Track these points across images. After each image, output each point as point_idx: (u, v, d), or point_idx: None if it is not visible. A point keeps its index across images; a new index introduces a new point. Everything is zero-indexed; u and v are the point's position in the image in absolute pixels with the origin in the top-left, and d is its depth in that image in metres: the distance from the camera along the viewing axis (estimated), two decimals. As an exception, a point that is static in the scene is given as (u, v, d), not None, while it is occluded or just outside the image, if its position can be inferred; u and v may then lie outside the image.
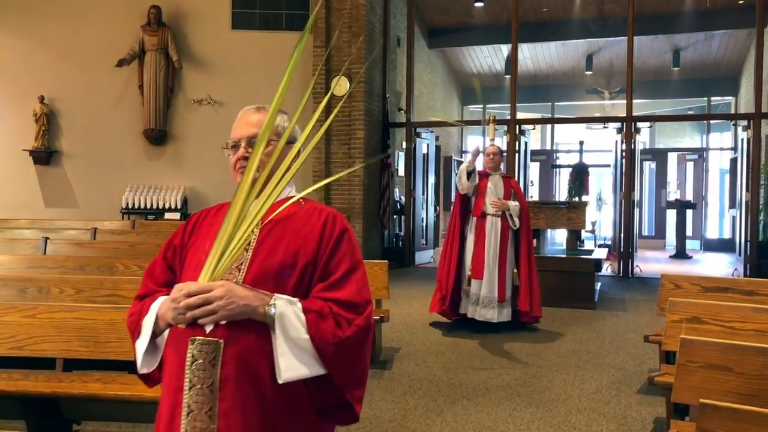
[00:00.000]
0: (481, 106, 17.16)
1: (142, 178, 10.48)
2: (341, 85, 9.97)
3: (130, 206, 10.17)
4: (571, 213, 8.38)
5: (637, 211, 10.97)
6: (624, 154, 10.34)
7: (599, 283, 8.51)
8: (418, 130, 11.28)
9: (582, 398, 4.59)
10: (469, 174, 6.24)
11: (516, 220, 6.21)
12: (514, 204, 6.23)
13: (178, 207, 10.19)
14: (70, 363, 4.04)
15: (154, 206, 10.18)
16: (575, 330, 6.48)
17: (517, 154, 10.61)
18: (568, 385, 4.86)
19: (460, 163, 16.61)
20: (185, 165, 10.57)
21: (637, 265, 10.53)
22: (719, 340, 3.27)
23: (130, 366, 4.23)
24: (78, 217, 9.39)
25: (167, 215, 10.10)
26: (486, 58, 15.75)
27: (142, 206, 10.17)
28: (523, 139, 10.93)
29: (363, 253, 8.57)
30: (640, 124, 10.77)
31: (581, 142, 14.50)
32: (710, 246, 15.21)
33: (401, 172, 11.31)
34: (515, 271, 6.23)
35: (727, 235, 15.53)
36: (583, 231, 9.35)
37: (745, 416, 2.34)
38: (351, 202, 10.02)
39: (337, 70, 10.02)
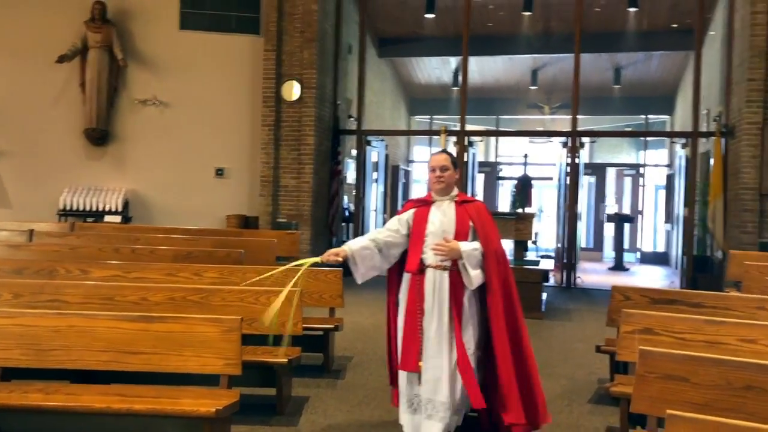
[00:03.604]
0: (429, 117, 17.32)
1: (82, 179, 10.09)
2: (292, 91, 9.87)
3: (68, 208, 9.78)
4: (519, 224, 8.52)
5: (579, 224, 11.25)
6: (569, 168, 10.58)
7: (545, 294, 8.66)
8: (369, 138, 11.27)
9: (535, 408, 4.62)
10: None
11: (473, 273, 3.62)
12: (470, 248, 3.64)
13: (119, 210, 9.86)
14: (9, 372, 3.83)
15: (94, 208, 9.82)
16: (524, 340, 6.55)
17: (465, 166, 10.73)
18: (521, 394, 4.89)
19: (407, 173, 16.78)
20: (128, 167, 10.25)
21: (579, 276, 10.78)
22: (677, 351, 3.34)
23: (74, 375, 4.05)
24: (10, 219, 8.96)
25: (107, 218, 9.75)
26: (434, 69, 15.91)
27: (81, 208, 9.79)
28: (471, 150, 11.06)
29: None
30: (583, 139, 11.05)
31: (525, 155, 14.79)
32: (646, 259, 15.73)
33: (350, 179, 11.26)
34: (473, 355, 3.70)
35: (661, 248, 16.10)
36: (529, 242, 9.50)
37: (710, 426, 2.39)
38: (300, 208, 9.91)
39: (287, 75, 9.91)
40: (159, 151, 10.20)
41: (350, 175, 11.31)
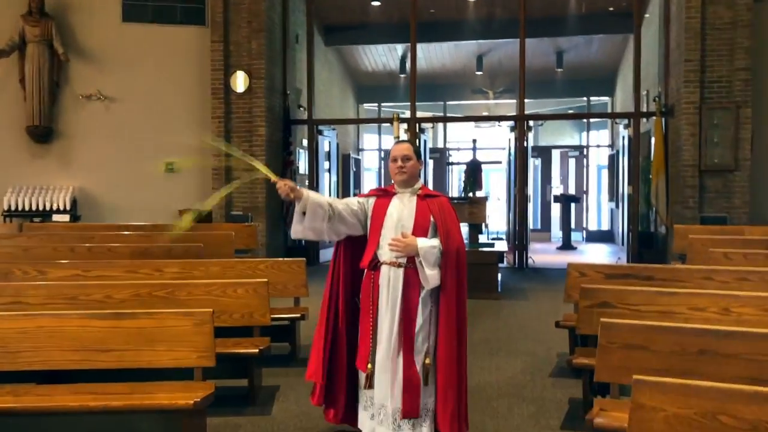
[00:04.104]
0: (377, 104, 17.38)
1: (26, 178, 9.80)
2: (241, 82, 9.78)
3: (13, 208, 9.49)
4: (473, 208, 8.70)
5: (528, 205, 11.53)
6: (517, 151, 10.82)
7: (500, 275, 8.88)
8: (320, 127, 11.27)
9: (500, 384, 4.80)
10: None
11: (430, 272, 3.34)
12: (428, 245, 3.36)
13: (68, 209, 9.62)
14: (-27, 377, 3.76)
15: (41, 208, 9.56)
16: (484, 320, 6.74)
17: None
18: (485, 372, 5.06)
19: (358, 161, 16.83)
20: (74, 164, 10.00)
21: (530, 257, 11.07)
22: (636, 322, 3.53)
23: (40, 377, 4.00)
24: (-48, 222, 8.66)
25: (55, 217, 9.51)
26: (381, 56, 15.96)
27: (27, 208, 9.52)
28: (423, 137, 11.19)
29: (267, 253, 8.37)
30: (530, 123, 11.30)
31: (474, 141, 15.04)
32: (592, 237, 16.23)
33: (303, 169, 11.25)
34: (427, 361, 3.38)
35: (606, 226, 16.62)
36: (483, 225, 9.70)
37: (673, 388, 2.56)
38: (254, 201, 9.86)
39: (236, 66, 9.82)
40: (106, 148, 9.98)
41: (303, 165, 11.30)
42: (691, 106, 9.01)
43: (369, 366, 3.41)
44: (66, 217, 9.52)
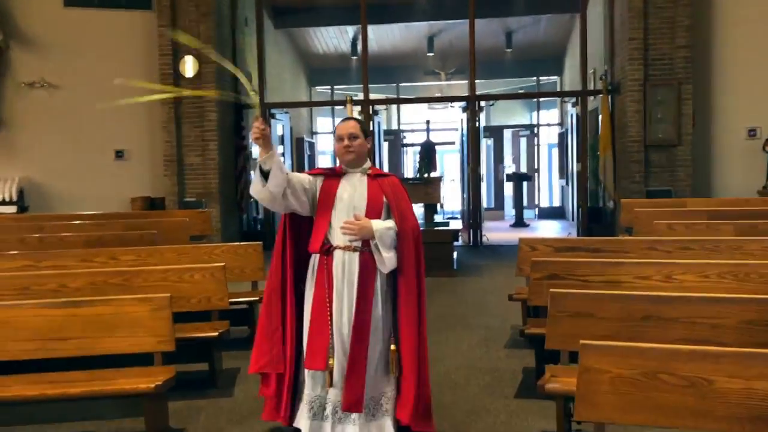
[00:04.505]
0: (329, 87, 17.32)
1: (-31, 169, 9.54)
2: (190, 67, 9.65)
3: (-44, 201, 9.23)
4: (428, 188, 8.83)
5: (482, 184, 11.72)
6: (469, 131, 10.97)
7: (456, 253, 9.04)
8: (272, 111, 11.21)
9: (457, 356, 4.94)
10: (265, 173, 3.18)
11: (387, 255, 3.23)
12: (383, 227, 3.24)
13: (14, 200, 9.39)
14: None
15: (-15, 200, 9.31)
16: (440, 296, 6.88)
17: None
18: (443, 346, 5.19)
19: (312, 144, 16.78)
20: (19, 154, 9.75)
21: (485, 235, 11.28)
22: (582, 291, 3.68)
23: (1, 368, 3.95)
24: None
25: (1, 209, 9.27)
26: (332, 39, 15.88)
27: (-29, 200, 9.27)
28: (376, 119, 11.23)
29: (222, 239, 8.30)
30: (481, 103, 11.45)
31: (428, 122, 15.15)
32: (544, 214, 16.57)
33: (256, 154, 11.18)
34: (392, 348, 3.26)
35: (557, 203, 16.99)
36: (438, 205, 9.84)
37: (618, 350, 2.70)
38: (207, 186, 9.78)
39: (184, 51, 9.66)
40: (52, 136, 9.75)
41: (256, 150, 11.23)
42: (635, 84, 9.27)
43: (330, 362, 3.14)
44: (13, 209, 9.30)
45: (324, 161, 17.38)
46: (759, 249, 4.82)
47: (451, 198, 15.23)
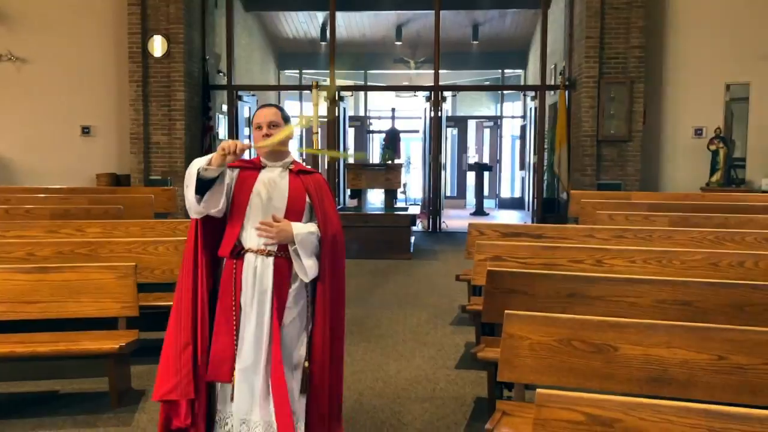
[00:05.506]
0: (298, 71, 17.46)
1: (-68, 141, 9.54)
2: (159, 46, 9.76)
3: None
4: (389, 174, 9.11)
5: (443, 173, 12.07)
6: (432, 120, 11.29)
7: (413, 237, 9.37)
8: (240, 93, 11.37)
9: (406, 332, 5.27)
10: (206, 183, 2.74)
11: (308, 262, 2.85)
12: (304, 231, 2.85)
13: (-22, 172, 9.44)
14: None
15: (-51, 171, 9.34)
16: (396, 277, 7.21)
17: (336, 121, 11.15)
18: (393, 322, 5.52)
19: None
20: (-16, 127, 9.78)
21: (444, 222, 11.64)
22: (517, 270, 4.03)
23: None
24: None
25: (-35, 182, 9.32)
26: (302, 23, 16.02)
27: (-66, 171, 9.28)
28: (341, 105, 11.47)
29: (186, 216, 8.44)
30: (445, 93, 11.77)
31: (393, 109, 15.42)
32: (504, 204, 17.02)
33: (222, 134, 11.35)
34: (306, 364, 2.88)
35: (517, 194, 17.45)
36: (398, 191, 10.15)
37: (537, 320, 3.05)
38: (173, 165, 9.94)
39: (154, 30, 9.77)
40: (19, 110, 9.80)
41: (222, 131, 11.40)
42: (590, 80, 9.68)
43: (235, 374, 2.79)
44: (-23, 182, 9.34)
45: (291, 144, 17.53)
46: (686, 239, 5.25)
47: (415, 185, 15.55)
